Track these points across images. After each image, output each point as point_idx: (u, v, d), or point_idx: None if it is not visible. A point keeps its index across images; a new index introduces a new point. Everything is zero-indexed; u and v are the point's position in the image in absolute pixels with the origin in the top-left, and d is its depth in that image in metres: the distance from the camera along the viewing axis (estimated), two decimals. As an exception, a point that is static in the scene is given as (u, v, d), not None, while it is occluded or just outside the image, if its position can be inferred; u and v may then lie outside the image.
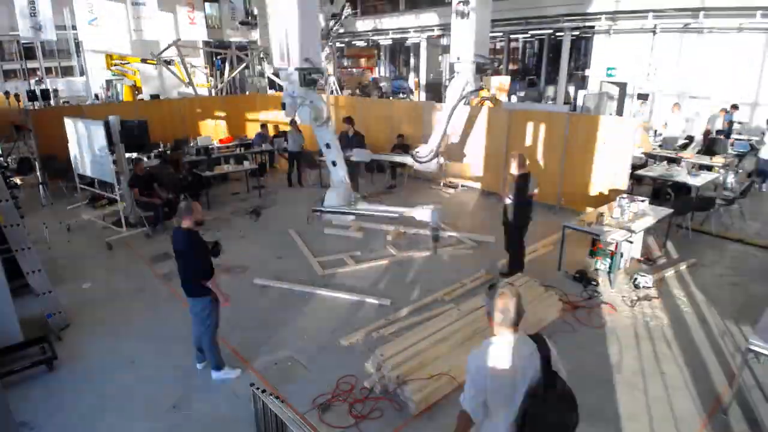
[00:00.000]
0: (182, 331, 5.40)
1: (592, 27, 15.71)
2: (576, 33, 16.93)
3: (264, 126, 12.73)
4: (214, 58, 20.66)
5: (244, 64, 18.86)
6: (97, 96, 20.90)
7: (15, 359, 4.72)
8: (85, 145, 8.57)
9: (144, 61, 18.32)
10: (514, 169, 5.90)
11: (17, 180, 10.61)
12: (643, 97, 14.77)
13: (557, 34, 17.54)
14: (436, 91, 22.61)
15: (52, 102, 19.89)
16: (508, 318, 2.35)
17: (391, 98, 21.80)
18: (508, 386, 2.33)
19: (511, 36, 19.94)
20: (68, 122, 8.96)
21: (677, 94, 13.68)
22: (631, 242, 6.53)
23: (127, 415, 4.19)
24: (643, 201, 6.90)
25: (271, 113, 14.00)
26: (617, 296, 5.99)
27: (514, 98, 18.73)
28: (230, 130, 13.53)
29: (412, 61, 24.93)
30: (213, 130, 13.29)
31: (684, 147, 11.26)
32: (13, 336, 4.88)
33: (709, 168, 9.33)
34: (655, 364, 4.73)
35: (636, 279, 6.23)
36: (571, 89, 17.94)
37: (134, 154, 10.16)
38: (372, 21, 22.96)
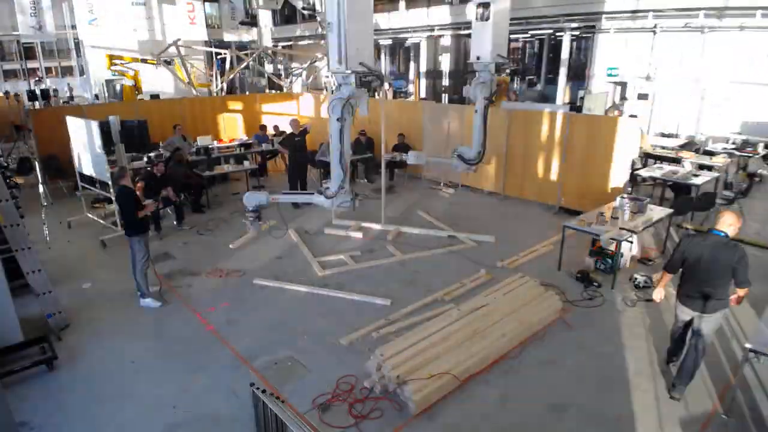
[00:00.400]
0: (182, 331, 5.42)
1: (593, 27, 15.69)
2: (576, 33, 16.91)
3: (263, 127, 12.70)
4: (214, 58, 20.63)
5: (244, 64, 18.83)
6: (97, 96, 20.87)
7: (15, 359, 4.71)
8: (86, 144, 8.56)
9: (144, 60, 18.28)
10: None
11: (17, 180, 10.59)
12: (643, 96, 14.74)
13: (557, 34, 17.53)
14: (434, 89, 22.59)
15: (51, 102, 19.86)
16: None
17: (394, 97, 21.87)
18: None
19: (512, 36, 19.94)
20: (71, 121, 8.95)
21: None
22: (631, 242, 6.53)
23: (127, 415, 4.19)
24: (643, 201, 6.90)
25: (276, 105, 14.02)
26: (617, 296, 6.00)
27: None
28: (232, 130, 13.52)
29: (411, 59, 24.89)
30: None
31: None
32: (13, 336, 4.88)
33: (710, 168, 9.31)
34: (656, 364, 4.73)
35: (636, 279, 6.23)
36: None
37: (135, 153, 10.14)
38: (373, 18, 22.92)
